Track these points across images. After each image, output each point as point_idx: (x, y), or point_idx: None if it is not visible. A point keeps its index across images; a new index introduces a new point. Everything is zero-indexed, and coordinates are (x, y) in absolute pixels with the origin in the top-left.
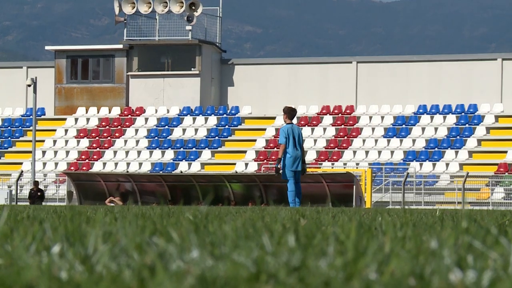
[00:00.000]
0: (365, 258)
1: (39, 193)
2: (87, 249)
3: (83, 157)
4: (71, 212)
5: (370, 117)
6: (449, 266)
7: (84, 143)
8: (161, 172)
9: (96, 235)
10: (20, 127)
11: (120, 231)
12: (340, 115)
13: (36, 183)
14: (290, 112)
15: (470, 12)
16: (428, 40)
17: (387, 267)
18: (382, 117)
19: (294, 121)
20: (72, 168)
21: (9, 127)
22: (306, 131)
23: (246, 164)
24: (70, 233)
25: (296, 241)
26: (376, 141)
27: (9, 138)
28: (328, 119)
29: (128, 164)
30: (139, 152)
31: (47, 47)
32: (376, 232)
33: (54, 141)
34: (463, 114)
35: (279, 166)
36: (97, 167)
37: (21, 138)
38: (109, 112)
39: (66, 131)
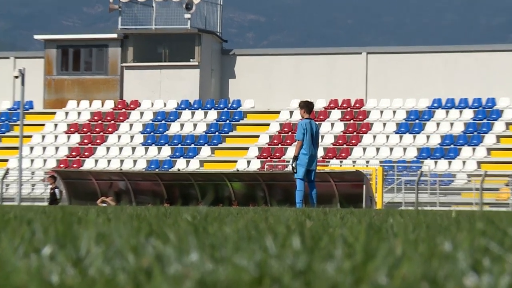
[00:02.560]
0: (375, 261)
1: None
2: (79, 251)
3: (73, 153)
4: (62, 212)
5: (381, 112)
6: (463, 270)
7: (75, 138)
8: (157, 170)
9: (89, 236)
10: (6, 122)
11: (114, 233)
12: (349, 109)
13: (53, 179)
14: (307, 106)
15: None
16: (443, 29)
17: (398, 270)
18: (394, 112)
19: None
20: (61, 165)
21: None
22: None
23: (248, 162)
24: (61, 234)
25: (302, 243)
26: (387, 137)
27: None
28: (336, 114)
29: (122, 161)
30: (133, 149)
31: (36, 36)
32: (387, 234)
33: (43, 137)
34: (480, 108)
35: (294, 165)
36: (88, 164)
37: (7, 134)
38: (102, 106)
39: (55, 126)
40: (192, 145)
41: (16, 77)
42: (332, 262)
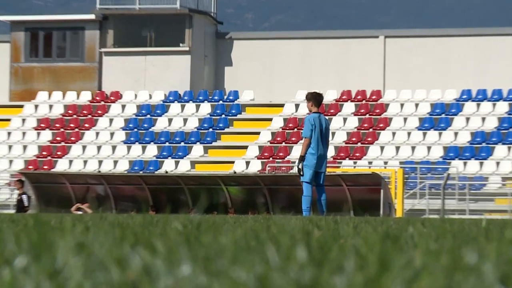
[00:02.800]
0: (391, 274)
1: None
2: (56, 263)
3: (44, 153)
4: (33, 221)
5: (402, 105)
6: (490, 284)
7: (46, 135)
8: (141, 172)
9: (66, 246)
10: None
11: (95, 242)
12: (364, 102)
13: (20, 183)
14: (316, 98)
15: None
16: (473, 9)
17: (416, 284)
18: (417, 105)
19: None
20: (30, 167)
21: None
22: None
23: (247, 163)
24: (35, 244)
25: (308, 254)
26: (408, 134)
27: None
28: (349, 107)
29: (100, 162)
30: (114, 148)
31: (1, 18)
32: (406, 245)
33: (8, 133)
34: None
35: (300, 166)
36: (61, 166)
37: None
38: (77, 98)
39: (23, 121)
40: (182, 144)
41: None
42: (342, 276)
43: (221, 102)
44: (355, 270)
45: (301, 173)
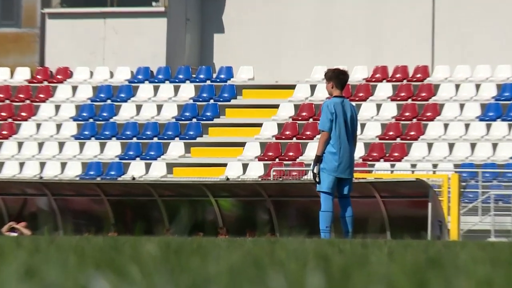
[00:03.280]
0: None
1: None
2: None
3: None
4: None
5: (457, 86)
6: None
7: None
8: (99, 178)
9: (13, 272)
10: None
11: (47, 268)
12: (405, 82)
13: None
14: (338, 77)
15: None
16: None
17: None
18: (477, 86)
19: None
20: None
21: None
22: None
23: (245, 166)
24: None
25: (326, 283)
26: (466, 126)
27: None
28: (384, 90)
29: (42, 165)
30: (61, 145)
31: None
32: (455, 272)
33: None
34: None
35: (316, 171)
36: None
37: None
38: (11, 77)
39: None
40: (155, 139)
41: None
42: None
43: (208, 82)
44: None
45: (317, 180)
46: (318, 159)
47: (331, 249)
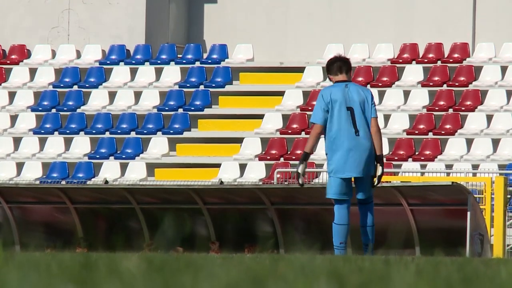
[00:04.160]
0: None
1: None
2: None
3: None
4: None
5: (503, 69)
6: None
7: None
8: (63, 182)
9: None
10: None
11: (24, 284)
12: (439, 64)
13: None
14: (331, 65)
15: None
16: None
17: None
18: None
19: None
20: None
21: None
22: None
23: (243, 167)
24: None
25: None
26: None
27: None
28: (414, 73)
29: None
30: (17, 141)
31: None
32: None
33: None
34: None
35: (299, 170)
36: None
37: None
38: None
39: None
40: (133, 134)
41: None
42: None
43: (198, 64)
44: None
45: (300, 182)
46: (305, 157)
47: (347, 266)
